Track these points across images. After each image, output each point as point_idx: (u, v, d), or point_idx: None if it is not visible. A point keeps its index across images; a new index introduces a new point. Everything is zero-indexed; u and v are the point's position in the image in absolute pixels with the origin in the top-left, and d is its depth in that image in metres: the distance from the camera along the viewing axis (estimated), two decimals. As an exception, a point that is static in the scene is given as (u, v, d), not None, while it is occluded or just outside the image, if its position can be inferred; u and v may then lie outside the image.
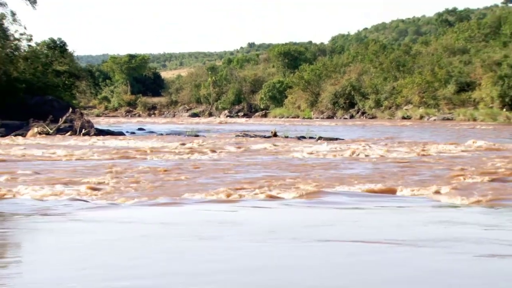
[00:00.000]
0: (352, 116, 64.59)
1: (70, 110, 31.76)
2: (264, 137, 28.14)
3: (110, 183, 11.88)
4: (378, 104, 62.91)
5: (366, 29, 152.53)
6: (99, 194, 10.48)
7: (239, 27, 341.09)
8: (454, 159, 16.64)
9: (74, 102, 39.65)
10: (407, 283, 5.40)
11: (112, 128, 37.10)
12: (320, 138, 26.35)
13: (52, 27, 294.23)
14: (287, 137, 28.09)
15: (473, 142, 22.57)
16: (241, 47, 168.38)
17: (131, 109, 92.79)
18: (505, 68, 49.56)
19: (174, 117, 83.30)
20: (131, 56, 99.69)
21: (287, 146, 21.94)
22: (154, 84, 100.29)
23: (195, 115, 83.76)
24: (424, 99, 57.36)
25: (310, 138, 27.25)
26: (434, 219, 8.39)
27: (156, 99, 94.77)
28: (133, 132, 35.63)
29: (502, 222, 8.47)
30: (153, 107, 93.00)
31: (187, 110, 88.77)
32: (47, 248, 6.71)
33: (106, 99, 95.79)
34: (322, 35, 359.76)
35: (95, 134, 29.61)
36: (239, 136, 28.93)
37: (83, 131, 29.60)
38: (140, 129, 40.45)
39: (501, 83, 49.08)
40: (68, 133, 29.49)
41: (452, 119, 51.22)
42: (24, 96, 34.75)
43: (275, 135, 28.58)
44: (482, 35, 64.97)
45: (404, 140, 26.02)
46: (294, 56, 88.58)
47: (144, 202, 9.78)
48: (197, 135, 30.53)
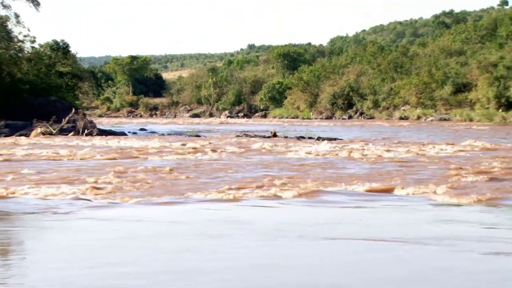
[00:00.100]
0: (350, 117, 64.75)
1: (73, 110, 31.88)
2: (264, 137, 28.16)
3: (113, 182, 11.96)
4: (376, 104, 63.16)
5: (364, 31, 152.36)
6: (102, 194, 10.54)
7: (239, 29, 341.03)
8: (451, 159, 16.72)
9: (77, 102, 39.70)
10: (414, 281, 5.41)
11: (114, 129, 37.23)
12: (319, 138, 26.42)
13: (55, 29, 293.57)
14: (286, 137, 28.18)
15: (470, 143, 22.72)
16: (241, 49, 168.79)
17: (133, 109, 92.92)
18: (501, 70, 49.80)
19: (175, 117, 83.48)
20: (133, 58, 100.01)
21: (286, 146, 22.06)
22: (155, 85, 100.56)
23: (196, 116, 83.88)
24: (421, 100, 57.59)
25: (309, 138, 27.31)
26: (436, 217, 8.48)
27: (157, 100, 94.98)
28: (135, 133, 35.71)
29: (504, 221, 8.62)
30: (154, 108, 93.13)
31: (188, 111, 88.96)
32: (51, 247, 6.73)
33: (108, 99, 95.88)
34: (321, 37, 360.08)
35: (97, 134, 29.72)
36: (240, 136, 29.01)
37: (86, 131, 29.71)
38: (142, 129, 40.48)
39: (497, 84, 49.36)
40: (71, 133, 29.57)
41: (449, 120, 51.36)
42: (27, 97, 34.89)
43: (274, 135, 28.60)
44: (478, 37, 65.10)
45: (402, 140, 26.09)
46: (293, 58, 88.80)
47: (147, 201, 9.83)
48: (198, 135, 30.62)
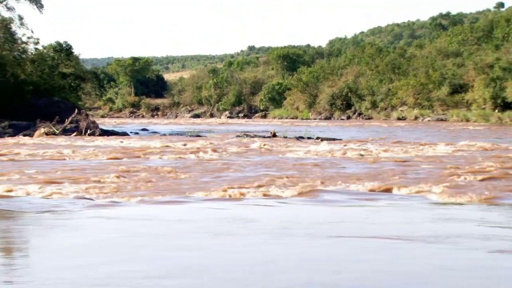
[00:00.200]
0: (349, 117, 65.06)
1: (76, 111, 32.15)
2: (264, 137, 28.27)
3: (115, 181, 12.02)
4: (374, 105, 63.54)
5: (362, 32, 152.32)
6: (106, 193, 10.59)
7: (239, 30, 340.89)
8: (449, 159, 16.81)
9: (79, 103, 40.08)
10: (421, 279, 5.43)
11: (116, 129, 37.43)
12: (318, 138, 26.68)
13: (58, 31, 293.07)
14: (286, 137, 28.31)
15: (467, 142, 22.99)
16: (241, 50, 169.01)
17: (135, 110, 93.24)
18: (497, 71, 50.24)
19: (176, 118, 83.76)
20: (135, 59, 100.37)
21: (286, 146, 22.32)
22: (157, 86, 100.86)
23: (197, 116, 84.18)
24: (418, 101, 57.99)
25: (309, 138, 27.51)
26: (440, 216, 8.59)
27: (159, 101, 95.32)
28: (137, 133, 35.95)
29: (507, 220, 8.75)
30: (156, 108, 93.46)
31: (189, 111, 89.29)
32: (56, 246, 6.76)
33: (110, 100, 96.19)
34: (320, 39, 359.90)
35: (100, 135, 29.87)
36: (240, 136, 29.20)
37: (89, 132, 29.93)
38: (143, 129, 40.70)
39: (493, 85, 49.79)
40: (74, 133, 29.72)
41: (445, 120, 51.68)
42: (31, 98, 35.27)
43: (274, 135, 28.72)
44: (475, 38, 65.40)
45: (400, 140, 26.29)
46: (292, 59, 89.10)
47: (151, 200, 9.88)
48: (199, 136, 30.82)
